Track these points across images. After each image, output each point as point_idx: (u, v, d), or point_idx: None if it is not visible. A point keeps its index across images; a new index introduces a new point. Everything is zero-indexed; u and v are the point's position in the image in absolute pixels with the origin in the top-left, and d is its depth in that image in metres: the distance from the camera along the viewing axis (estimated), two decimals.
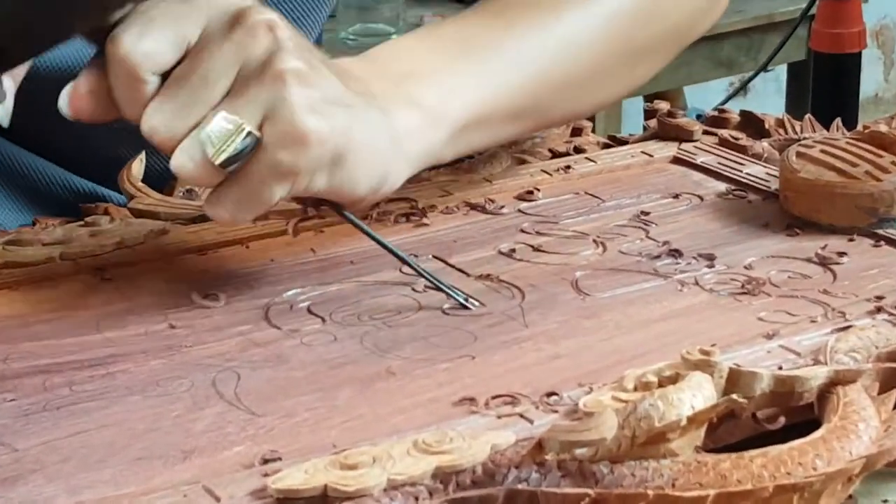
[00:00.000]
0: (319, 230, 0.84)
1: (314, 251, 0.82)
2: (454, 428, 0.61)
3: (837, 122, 0.99)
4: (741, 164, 0.93)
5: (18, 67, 0.73)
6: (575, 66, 0.87)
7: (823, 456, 0.59)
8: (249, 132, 0.70)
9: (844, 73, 2.23)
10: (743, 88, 2.64)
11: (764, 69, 2.40)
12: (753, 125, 1.00)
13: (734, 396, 0.60)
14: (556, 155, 0.97)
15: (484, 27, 0.85)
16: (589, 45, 0.87)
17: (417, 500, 0.56)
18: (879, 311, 0.73)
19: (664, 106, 1.00)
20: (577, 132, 1.00)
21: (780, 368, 0.66)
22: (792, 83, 2.58)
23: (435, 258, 0.81)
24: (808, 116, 0.99)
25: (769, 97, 3.11)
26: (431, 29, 0.87)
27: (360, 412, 0.65)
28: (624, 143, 0.99)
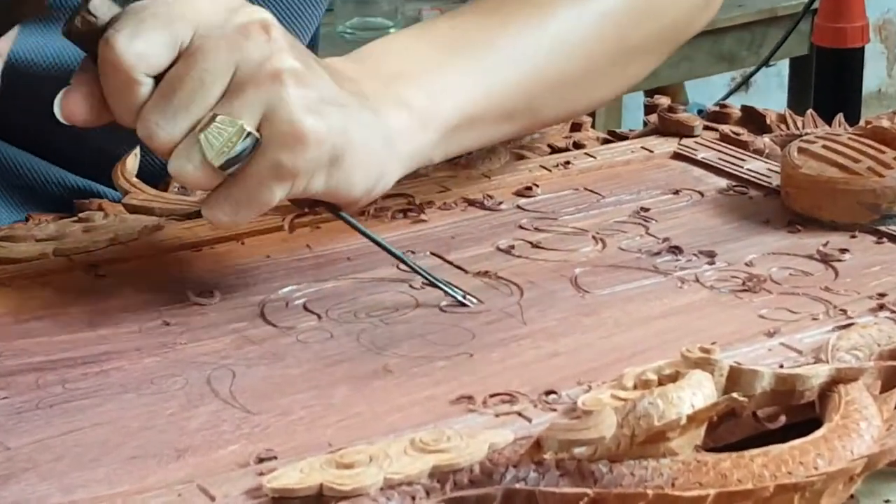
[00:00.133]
0: (315, 226, 0.83)
1: (310, 247, 0.82)
2: (452, 426, 0.61)
3: (840, 117, 0.99)
4: (742, 159, 0.93)
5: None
6: (568, 64, 0.87)
7: (825, 455, 0.59)
8: (249, 133, 0.70)
9: (847, 68, 2.23)
10: (744, 83, 2.65)
11: (766, 64, 2.40)
12: (755, 120, 1.00)
13: (734, 395, 0.60)
14: (555, 150, 0.97)
15: (479, 24, 0.85)
16: (582, 43, 0.87)
17: (414, 499, 0.56)
18: (881, 308, 0.73)
19: (665, 101, 1.00)
20: (576, 127, 1.00)
21: (781, 366, 0.66)
22: (794, 78, 2.58)
23: (432, 255, 0.81)
24: (810, 112, 0.99)
25: (771, 92, 3.11)
26: (426, 26, 0.87)
27: (356, 410, 0.64)
28: (624, 138, 0.99)
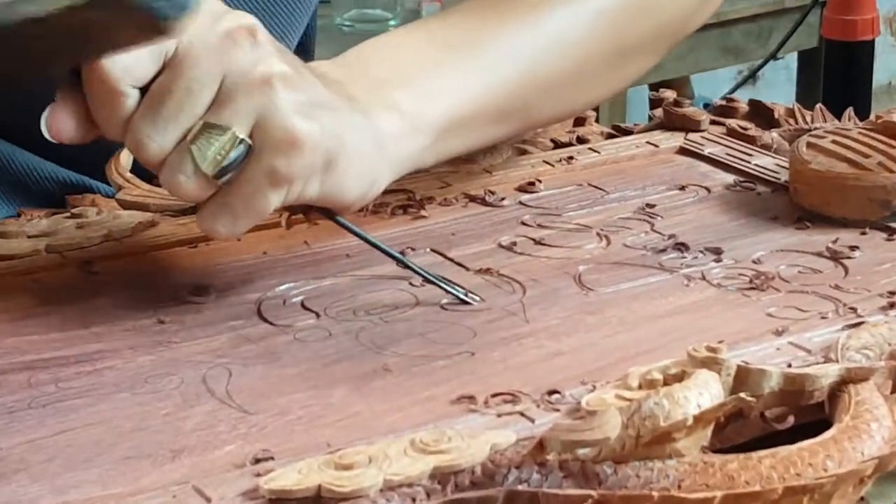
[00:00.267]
0: (314, 222, 0.83)
1: (308, 244, 0.82)
2: (452, 427, 0.61)
3: (849, 111, 0.99)
4: (750, 154, 0.93)
5: None
6: (564, 63, 0.86)
7: (834, 457, 0.59)
8: (242, 140, 0.70)
9: (857, 61, 2.23)
10: (752, 77, 2.65)
11: (774, 57, 2.40)
12: (762, 115, 1.00)
13: (742, 395, 0.60)
14: (558, 145, 0.97)
15: (473, 23, 0.85)
16: (578, 42, 0.87)
17: (415, 501, 0.56)
18: (892, 306, 0.72)
19: (670, 95, 1.01)
20: (580, 122, 1.00)
21: (789, 366, 0.65)
22: (803, 71, 2.59)
23: (433, 251, 0.80)
24: (819, 106, 1.00)
25: (779, 86, 3.11)
26: (417, 26, 0.87)
27: (355, 410, 0.64)
28: (629, 132, 0.99)
